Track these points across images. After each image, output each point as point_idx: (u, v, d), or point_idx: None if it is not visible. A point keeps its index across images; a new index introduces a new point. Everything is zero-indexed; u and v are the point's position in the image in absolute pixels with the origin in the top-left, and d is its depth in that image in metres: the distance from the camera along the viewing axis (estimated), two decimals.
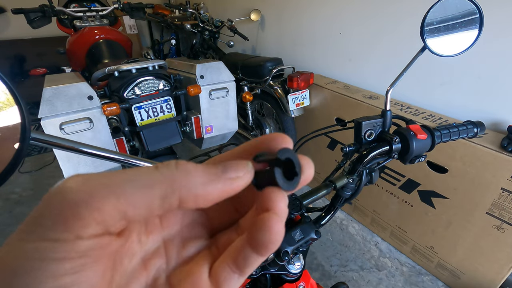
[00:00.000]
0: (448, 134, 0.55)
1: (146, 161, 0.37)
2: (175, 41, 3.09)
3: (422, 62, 0.65)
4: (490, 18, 1.10)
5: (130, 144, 1.45)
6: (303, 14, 2.03)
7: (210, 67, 1.52)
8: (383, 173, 1.47)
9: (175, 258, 0.18)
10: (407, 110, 1.41)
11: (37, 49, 3.15)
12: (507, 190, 1.06)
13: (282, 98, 1.75)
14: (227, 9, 2.88)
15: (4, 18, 3.03)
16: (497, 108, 1.23)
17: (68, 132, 1.17)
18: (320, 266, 1.49)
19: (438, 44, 0.50)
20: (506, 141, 1.06)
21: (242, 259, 0.15)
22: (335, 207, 0.55)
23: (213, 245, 0.19)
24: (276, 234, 0.15)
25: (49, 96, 1.11)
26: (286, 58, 2.07)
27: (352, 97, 1.56)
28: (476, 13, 0.48)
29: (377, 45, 1.63)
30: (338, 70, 1.92)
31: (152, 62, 1.36)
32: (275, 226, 0.15)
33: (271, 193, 0.16)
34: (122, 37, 1.89)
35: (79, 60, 1.82)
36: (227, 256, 0.16)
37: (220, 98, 1.58)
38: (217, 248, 0.18)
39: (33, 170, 2.20)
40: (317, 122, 1.84)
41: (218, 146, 0.81)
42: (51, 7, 1.69)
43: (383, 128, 0.54)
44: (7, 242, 0.12)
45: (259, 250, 0.15)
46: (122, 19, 3.30)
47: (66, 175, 1.20)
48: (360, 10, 1.66)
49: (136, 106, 1.33)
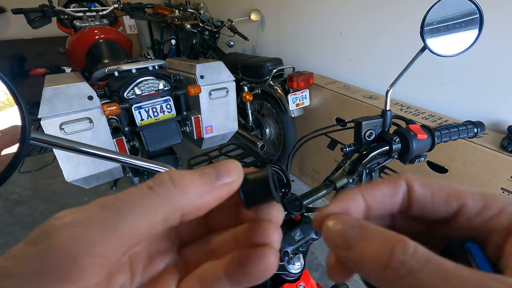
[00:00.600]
0: (448, 134, 0.55)
1: (146, 161, 0.37)
2: (175, 41, 3.09)
3: (422, 62, 0.65)
4: (490, 18, 1.10)
5: (130, 144, 1.45)
6: (303, 14, 2.03)
7: (210, 67, 1.52)
8: (383, 173, 1.47)
9: (141, 274, 0.16)
10: (407, 110, 1.41)
11: (37, 49, 3.15)
12: (507, 190, 1.06)
13: (282, 98, 1.75)
14: (227, 9, 2.88)
15: (4, 18, 3.03)
16: (497, 108, 1.23)
17: (68, 132, 1.17)
18: (320, 266, 1.49)
19: (438, 44, 0.50)
20: (506, 141, 1.06)
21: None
22: None
23: (181, 261, 0.18)
24: (271, 269, 0.15)
25: (49, 96, 1.11)
26: (286, 58, 2.07)
27: (352, 97, 1.56)
28: (476, 13, 0.48)
29: (377, 45, 1.63)
30: (338, 70, 1.92)
31: (152, 62, 1.36)
32: (272, 261, 0.15)
33: (267, 225, 0.16)
34: (122, 37, 1.89)
35: (79, 60, 1.82)
36: (197, 281, 0.16)
37: (220, 98, 1.58)
38: (185, 266, 0.18)
39: (33, 170, 2.20)
40: (317, 122, 1.84)
41: (218, 146, 0.81)
42: (51, 7, 1.69)
43: (383, 128, 0.54)
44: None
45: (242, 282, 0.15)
46: (122, 19, 3.30)
47: (66, 175, 1.20)
48: (360, 10, 1.66)
49: (136, 106, 1.33)
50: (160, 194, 0.13)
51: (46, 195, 1.94)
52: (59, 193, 1.96)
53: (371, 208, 0.16)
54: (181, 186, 0.14)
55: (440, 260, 0.11)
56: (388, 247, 0.12)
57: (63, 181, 1.35)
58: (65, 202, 1.88)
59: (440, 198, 0.15)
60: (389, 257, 0.12)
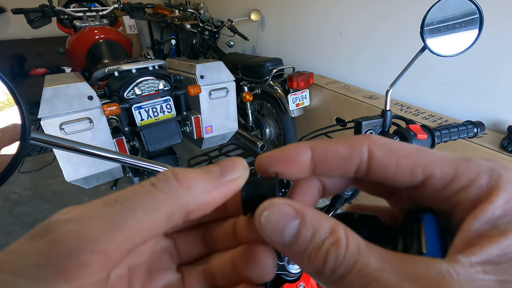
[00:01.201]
0: (448, 134, 0.55)
1: (146, 161, 0.37)
2: (175, 41, 3.09)
3: (422, 62, 0.65)
4: (490, 18, 1.10)
5: (130, 144, 1.45)
6: (303, 14, 2.03)
7: (210, 67, 1.52)
8: None
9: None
10: (407, 110, 1.41)
11: (37, 49, 3.15)
12: None
13: (282, 98, 1.75)
14: (227, 9, 2.88)
15: (4, 18, 3.03)
16: (497, 108, 1.23)
17: (68, 132, 1.17)
18: None
19: (438, 44, 0.50)
20: (506, 141, 1.06)
21: None
22: (335, 207, 0.55)
23: (179, 281, 0.17)
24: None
25: (49, 96, 1.11)
26: (286, 58, 2.07)
27: (352, 97, 1.56)
28: (476, 13, 0.48)
29: (377, 45, 1.63)
30: (338, 70, 1.92)
31: (152, 62, 1.36)
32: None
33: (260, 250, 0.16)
34: (122, 37, 1.89)
35: (79, 60, 1.82)
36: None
37: (220, 98, 1.58)
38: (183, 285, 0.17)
39: (33, 170, 2.20)
40: (317, 122, 1.84)
41: (218, 146, 0.81)
42: (51, 7, 1.69)
43: (383, 128, 0.54)
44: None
45: None
46: (122, 19, 3.30)
47: (66, 175, 1.20)
48: (360, 10, 1.66)
49: (136, 106, 1.33)
50: (164, 190, 0.13)
51: (46, 195, 1.94)
52: (59, 193, 1.96)
53: (318, 166, 0.15)
54: (185, 182, 0.14)
55: (366, 258, 0.11)
56: (323, 253, 0.12)
57: (63, 181, 1.35)
58: (65, 202, 1.88)
59: (405, 168, 0.14)
60: (323, 266, 0.12)
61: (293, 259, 0.13)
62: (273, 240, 0.13)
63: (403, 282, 0.10)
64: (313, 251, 0.12)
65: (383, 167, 0.14)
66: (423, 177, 0.13)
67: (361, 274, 0.11)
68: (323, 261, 0.12)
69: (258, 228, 0.14)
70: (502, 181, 0.12)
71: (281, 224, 0.13)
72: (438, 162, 0.13)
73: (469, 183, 0.13)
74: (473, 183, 0.13)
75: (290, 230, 0.13)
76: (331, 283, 0.12)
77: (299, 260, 0.13)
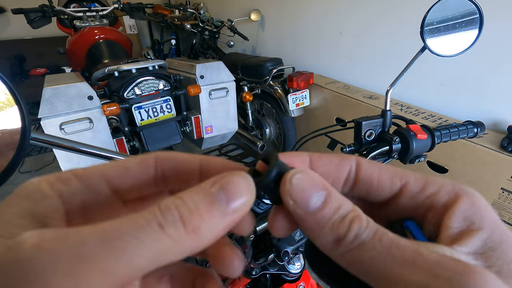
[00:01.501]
0: (448, 134, 0.55)
1: None
2: (175, 41, 3.09)
3: (422, 62, 0.65)
4: (490, 18, 1.10)
5: (130, 144, 1.45)
6: (303, 14, 2.03)
7: (210, 67, 1.52)
8: None
9: None
10: (407, 110, 1.41)
11: (37, 49, 3.15)
12: (507, 190, 1.06)
13: (282, 98, 1.75)
14: (227, 9, 2.88)
15: (4, 18, 3.03)
16: (497, 108, 1.23)
17: (68, 132, 1.17)
18: None
19: (438, 44, 0.50)
20: (506, 141, 1.06)
21: None
22: None
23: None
24: None
25: (49, 96, 1.11)
26: (286, 58, 2.07)
27: (352, 97, 1.56)
28: (476, 13, 0.48)
29: (377, 45, 1.63)
30: (338, 70, 1.92)
31: (152, 62, 1.36)
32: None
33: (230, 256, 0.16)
34: (122, 37, 1.89)
35: (79, 60, 1.83)
36: None
37: (220, 98, 1.58)
38: None
39: (33, 170, 2.20)
40: (317, 122, 1.84)
41: (218, 146, 0.81)
42: (51, 7, 1.69)
43: (383, 128, 0.54)
44: None
45: None
46: (122, 19, 3.30)
47: None
48: (360, 10, 1.66)
49: (136, 106, 1.33)
50: (171, 236, 0.12)
51: None
52: None
53: (315, 170, 0.16)
54: (191, 227, 0.12)
55: (384, 230, 0.13)
56: (347, 222, 0.13)
57: None
58: None
59: (386, 177, 0.16)
60: (346, 232, 0.13)
61: (310, 226, 0.14)
62: (297, 203, 0.14)
63: (421, 248, 0.12)
64: (337, 220, 0.13)
65: (368, 176, 0.16)
66: (400, 184, 0.16)
67: (382, 240, 0.13)
68: (347, 228, 0.13)
69: (286, 188, 0.14)
70: (463, 190, 0.15)
71: (310, 190, 0.14)
72: (411, 173, 0.16)
73: (439, 189, 0.15)
74: (442, 189, 0.15)
75: (316, 198, 0.14)
76: (348, 251, 0.13)
77: (318, 227, 0.14)
